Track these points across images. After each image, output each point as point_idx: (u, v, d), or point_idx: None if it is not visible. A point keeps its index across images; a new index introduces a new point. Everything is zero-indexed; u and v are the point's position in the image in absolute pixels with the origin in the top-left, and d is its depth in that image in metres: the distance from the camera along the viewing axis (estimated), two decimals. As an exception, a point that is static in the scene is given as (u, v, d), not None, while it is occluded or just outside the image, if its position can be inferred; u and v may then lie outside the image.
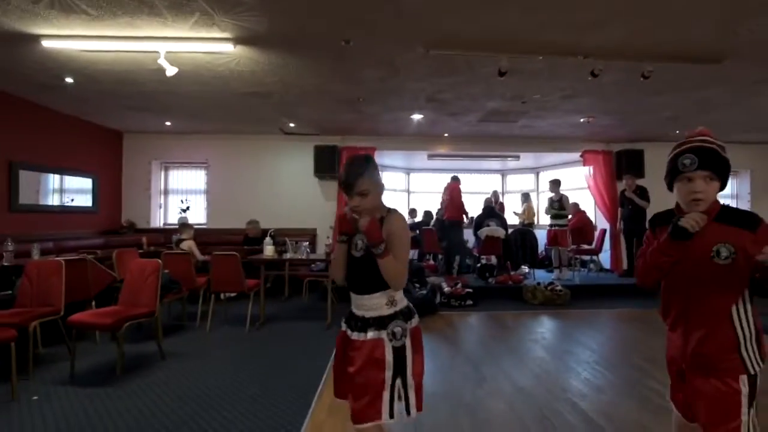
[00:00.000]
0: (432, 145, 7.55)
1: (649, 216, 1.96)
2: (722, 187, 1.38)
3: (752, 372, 1.32)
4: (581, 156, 7.51)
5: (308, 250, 4.83)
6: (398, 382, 1.49)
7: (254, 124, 6.66)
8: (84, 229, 6.34)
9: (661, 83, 4.36)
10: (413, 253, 8.06)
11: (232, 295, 5.31)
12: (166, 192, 7.86)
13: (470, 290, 5.87)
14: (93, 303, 4.12)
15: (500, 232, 6.64)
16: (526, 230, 6.89)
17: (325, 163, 7.13)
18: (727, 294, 1.33)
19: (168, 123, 6.54)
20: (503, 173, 9.94)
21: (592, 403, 2.82)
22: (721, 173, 1.35)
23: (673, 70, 4.00)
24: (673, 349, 1.47)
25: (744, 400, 1.31)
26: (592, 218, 7.59)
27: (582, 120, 6.02)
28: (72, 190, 6.23)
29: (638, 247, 6.90)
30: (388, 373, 1.48)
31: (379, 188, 1.55)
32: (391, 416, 1.47)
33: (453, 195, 6.86)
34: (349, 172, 1.50)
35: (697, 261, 1.35)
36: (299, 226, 7.32)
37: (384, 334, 1.51)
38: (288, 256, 4.81)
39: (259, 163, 7.44)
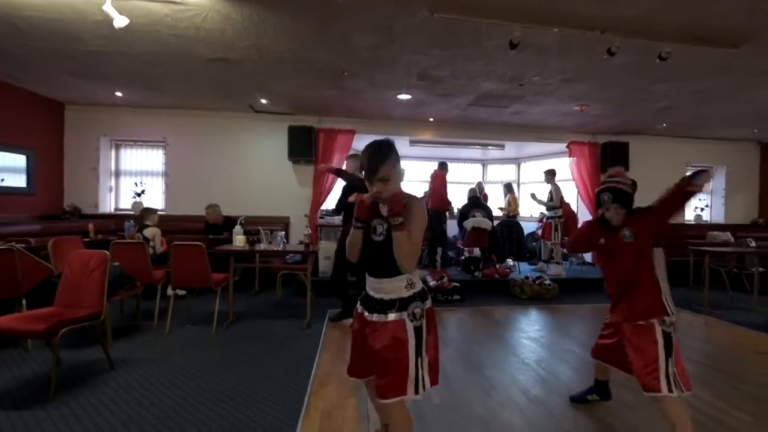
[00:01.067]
0: (415, 130, 7.10)
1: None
2: (629, 209, 2.13)
3: (669, 314, 2.01)
4: (567, 147, 7.30)
5: (284, 240, 4.29)
6: (419, 360, 1.56)
7: (221, 99, 5.96)
8: (17, 214, 5.46)
9: (669, 69, 4.10)
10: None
11: (181, 293, 4.66)
12: (117, 173, 7.00)
13: (457, 284, 5.52)
14: (23, 302, 3.42)
15: (487, 224, 6.33)
16: (512, 222, 6.62)
17: (301, 146, 6.53)
18: (642, 261, 2.09)
19: (119, 94, 5.73)
20: (484, 163, 9.66)
21: (609, 411, 2.50)
22: (626, 204, 2.13)
23: (688, 54, 3.72)
24: (617, 317, 2.20)
25: (661, 345, 1.96)
26: (575, 210, 7.42)
27: (575, 108, 5.75)
28: (1, 169, 5.33)
29: None
30: (411, 352, 1.55)
31: (400, 176, 1.59)
32: (417, 392, 1.55)
33: (437, 183, 6.46)
34: (372, 157, 1.53)
35: (619, 248, 2.13)
36: (271, 214, 6.71)
37: (405, 315, 1.57)
38: (262, 247, 4.25)
39: (227, 144, 6.73)
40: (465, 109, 6.04)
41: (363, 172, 1.56)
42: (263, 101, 5.95)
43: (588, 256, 7.20)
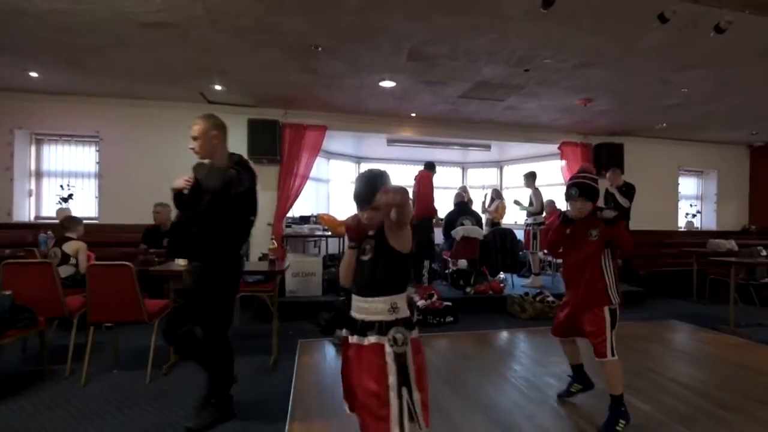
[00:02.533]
0: (395, 127, 6.31)
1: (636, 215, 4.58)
2: (595, 203, 2.39)
3: (613, 303, 2.38)
4: (559, 148, 6.73)
5: (244, 257, 3.35)
6: (405, 392, 1.44)
7: (165, 85, 4.94)
8: None
9: (706, 52, 3.55)
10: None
11: (108, 324, 3.60)
12: (39, 174, 5.79)
13: (449, 304, 4.73)
14: None
15: (478, 233, 5.61)
16: (506, 230, 5.92)
17: (263, 143, 5.58)
18: (597, 257, 2.37)
19: (34, 74, 4.60)
20: (464, 166, 8.99)
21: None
22: (592, 197, 2.37)
23: (746, 29, 3.11)
24: (571, 296, 2.52)
25: (608, 323, 2.36)
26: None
27: (576, 102, 5.14)
28: None
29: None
30: (392, 379, 1.44)
31: None
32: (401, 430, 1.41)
33: (423, 186, 5.67)
34: (366, 187, 1.52)
35: (582, 241, 2.39)
36: (227, 223, 5.70)
37: (385, 340, 1.49)
38: (212, 266, 3.28)
39: (174, 141, 5.65)
40: (454, 103, 5.31)
41: (355, 198, 1.56)
42: (217, 88, 4.98)
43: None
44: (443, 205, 8.64)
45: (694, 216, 7.72)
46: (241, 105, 5.70)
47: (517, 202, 6.36)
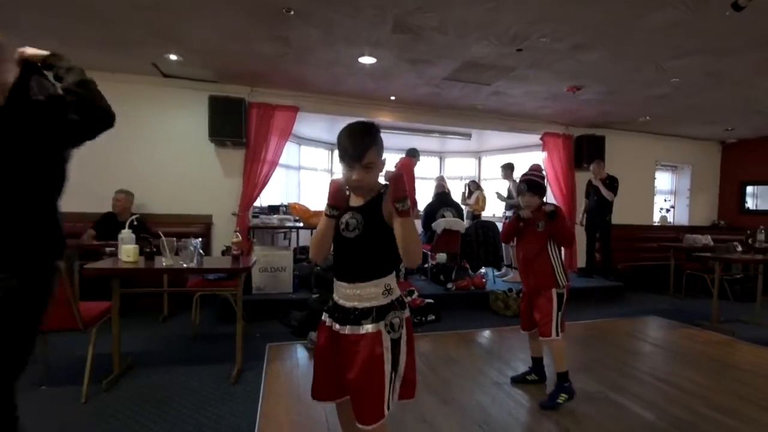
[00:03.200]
0: (373, 111, 5.88)
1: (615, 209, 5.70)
2: (541, 198, 2.67)
3: (560, 287, 2.56)
4: (541, 139, 6.52)
5: (200, 251, 2.87)
6: (393, 375, 1.37)
7: (112, 53, 4.29)
8: None
9: (709, 36, 3.34)
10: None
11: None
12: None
13: (430, 301, 4.41)
14: None
15: (460, 225, 5.30)
16: (488, 223, 5.65)
17: (227, 124, 5.02)
18: (543, 246, 2.60)
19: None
20: (442, 156, 8.69)
21: None
22: (539, 192, 2.66)
23: (756, 11, 2.90)
24: (525, 285, 2.76)
25: (555, 305, 2.54)
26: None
27: (566, 89, 4.90)
28: None
29: (600, 242, 6.20)
30: (387, 367, 1.35)
31: (383, 165, 1.37)
32: (389, 408, 1.36)
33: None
34: (356, 140, 1.31)
35: (531, 232, 2.64)
36: (187, 212, 5.14)
37: (382, 326, 1.36)
38: (164, 263, 2.78)
39: (123, 119, 4.97)
40: (438, 85, 4.94)
41: (340, 156, 1.33)
42: (172, 57, 4.38)
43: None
44: (420, 196, 8.34)
45: (668, 211, 7.76)
46: (201, 80, 5.11)
47: (499, 196, 6.13)
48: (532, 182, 2.66)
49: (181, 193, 5.12)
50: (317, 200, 7.52)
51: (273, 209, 5.69)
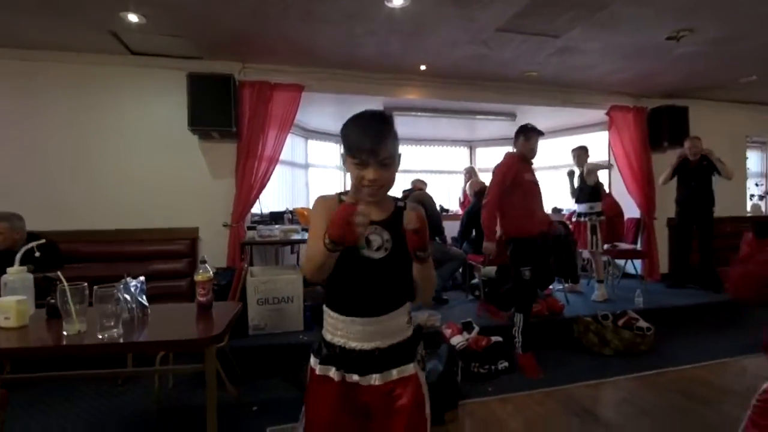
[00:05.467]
0: (396, 88, 4.65)
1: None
2: None
3: None
4: (608, 114, 5.20)
5: (141, 301, 1.67)
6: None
7: (58, 19, 3.15)
8: None
9: None
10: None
11: None
12: None
13: (499, 339, 3.14)
14: None
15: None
16: (557, 222, 4.36)
17: (211, 109, 3.82)
18: None
19: None
20: (472, 145, 7.39)
21: None
22: None
23: None
24: None
25: None
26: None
27: (669, 37, 3.59)
28: None
29: (699, 242, 4.29)
30: (428, 409, 1.14)
31: (399, 160, 1.13)
32: None
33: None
34: (371, 129, 1.07)
35: None
36: (165, 225, 3.97)
37: (415, 365, 1.13)
38: (65, 331, 1.56)
39: (83, 110, 3.87)
40: (487, 42, 3.67)
41: (349, 152, 1.07)
42: (133, 19, 3.20)
43: (630, 266, 5.12)
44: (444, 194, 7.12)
45: (761, 198, 6.34)
46: (181, 57, 3.95)
47: (571, 174, 4.85)
48: None
49: (157, 200, 3.95)
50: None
51: (276, 217, 4.51)
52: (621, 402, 2.69)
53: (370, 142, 1.04)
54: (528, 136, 3.13)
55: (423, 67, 4.35)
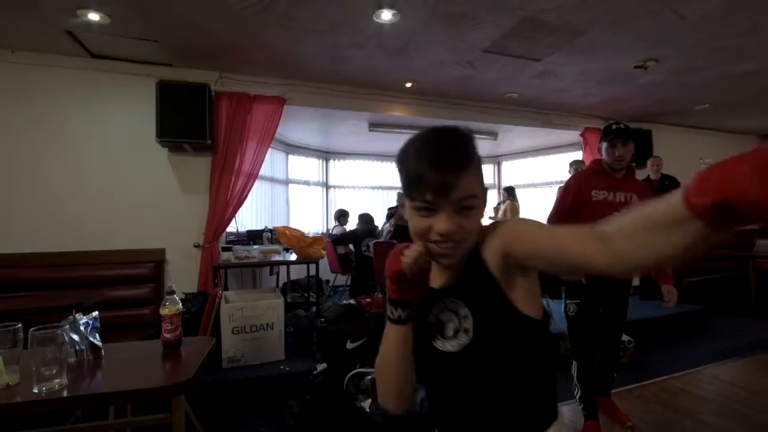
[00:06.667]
0: (382, 104, 4.58)
1: None
2: None
3: None
4: (582, 135, 5.39)
5: (95, 341, 1.42)
6: None
7: (8, 14, 2.85)
8: None
9: None
10: (347, 279, 5.08)
11: None
12: None
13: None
14: None
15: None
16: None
17: (183, 119, 3.56)
18: None
19: None
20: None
21: None
22: None
23: None
24: None
25: None
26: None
27: (637, 66, 3.75)
28: None
29: None
30: None
31: (486, 199, 0.78)
32: None
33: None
34: (443, 159, 0.70)
35: None
36: (128, 246, 3.63)
37: None
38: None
39: (37, 121, 3.51)
40: (474, 63, 3.69)
41: (408, 190, 0.74)
42: (93, 18, 2.93)
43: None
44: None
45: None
46: (149, 63, 3.70)
47: None
48: None
49: (117, 218, 3.61)
50: (312, 222, 6.18)
51: (254, 236, 4.26)
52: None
53: (440, 175, 0.70)
54: (611, 141, 2.28)
55: (408, 85, 4.31)
